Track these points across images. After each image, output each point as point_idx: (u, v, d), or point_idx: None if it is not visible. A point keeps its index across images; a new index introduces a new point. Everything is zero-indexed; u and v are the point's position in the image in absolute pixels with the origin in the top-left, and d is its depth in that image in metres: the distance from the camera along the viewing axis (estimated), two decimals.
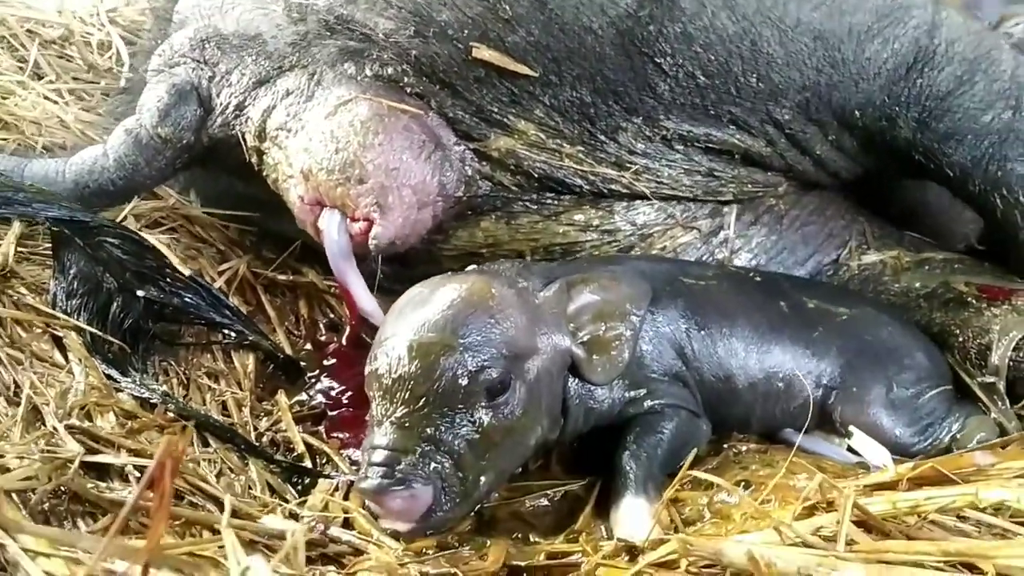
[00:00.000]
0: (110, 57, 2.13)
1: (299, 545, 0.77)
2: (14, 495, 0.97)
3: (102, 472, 1.07)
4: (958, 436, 1.37)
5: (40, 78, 1.95)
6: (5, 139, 1.68)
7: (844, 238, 1.69)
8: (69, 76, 2.00)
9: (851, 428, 1.31)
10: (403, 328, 1.15)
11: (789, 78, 1.53)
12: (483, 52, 1.46)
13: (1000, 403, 1.41)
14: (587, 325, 1.25)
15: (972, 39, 1.62)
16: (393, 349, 1.13)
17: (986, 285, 1.58)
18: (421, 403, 1.10)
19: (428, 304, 1.17)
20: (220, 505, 1.05)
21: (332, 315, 1.63)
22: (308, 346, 1.56)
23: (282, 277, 1.65)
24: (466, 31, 1.47)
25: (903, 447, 1.36)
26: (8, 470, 0.98)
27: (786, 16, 1.52)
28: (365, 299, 1.45)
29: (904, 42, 1.57)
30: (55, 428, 1.08)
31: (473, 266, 1.34)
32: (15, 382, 1.15)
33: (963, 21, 1.65)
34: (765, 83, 1.52)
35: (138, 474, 1.04)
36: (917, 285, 1.62)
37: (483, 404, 1.12)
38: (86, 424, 1.12)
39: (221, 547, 0.91)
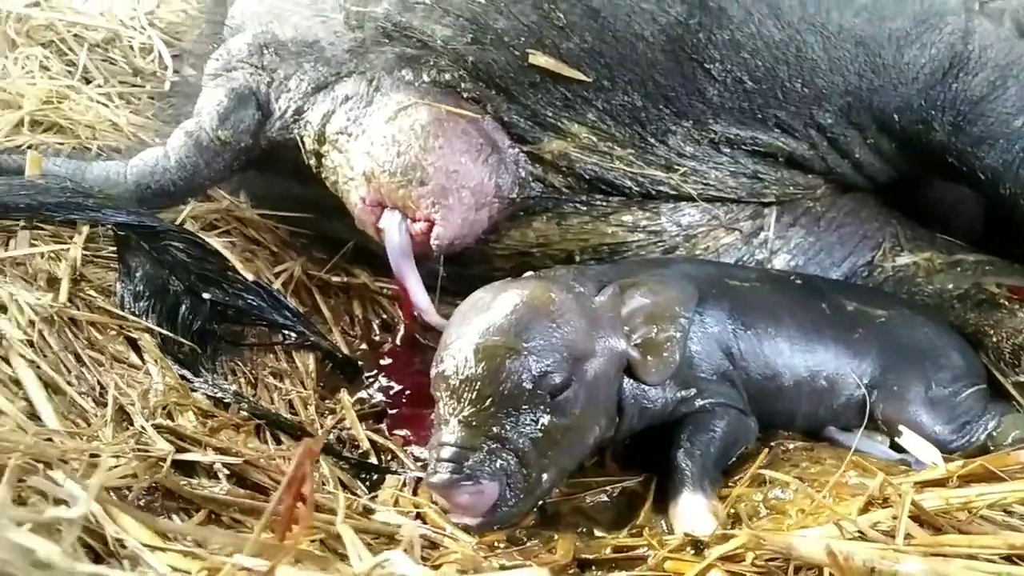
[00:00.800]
0: (152, 60, 2.17)
1: (415, 539, 0.81)
2: (112, 493, 1.02)
3: (189, 469, 1.12)
4: (994, 433, 1.42)
5: (88, 82, 1.99)
6: (62, 142, 1.71)
7: (878, 240, 1.74)
8: (116, 80, 2.04)
9: (901, 427, 1.36)
10: (469, 332, 1.20)
11: (832, 83, 1.57)
12: (539, 58, 1.51)
13: None
14: (640, 328, 1.30)
15: (1004, 45, 1.66)
16: (460, 352, 1.18)
17: (1017, 286, 1.63)
18: (487, 403, 1.15)
19: (492, 309, 1.21)
20: (304, 500, 1.10)
21: (385, 316, 1.68)
22: (364, 346, 1.61)
23: (336, 279, 1.69)
24: (522, 38, 1.51)
25: (941, 444, 1.40)
26: (107, 469, 1.03)
27: (829, 23, 1.56)
28: (421, 298, 1.49)
29: (940, 47, 1.61)
30: (143, 427, 1.13)
31: (530, 272, 1.38)
32: (99, 383, 1.20)
33: (994, 28, 1.69)
34: (809, 88, 1.56)
35: (227, 471, 1.09)
36: (950, 286, 1.67)
37: (546, 404, 1.17)
38: (170, 423, 1.17)
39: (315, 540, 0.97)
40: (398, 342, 1.57)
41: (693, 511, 1.20)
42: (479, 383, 1.16)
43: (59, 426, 1.08)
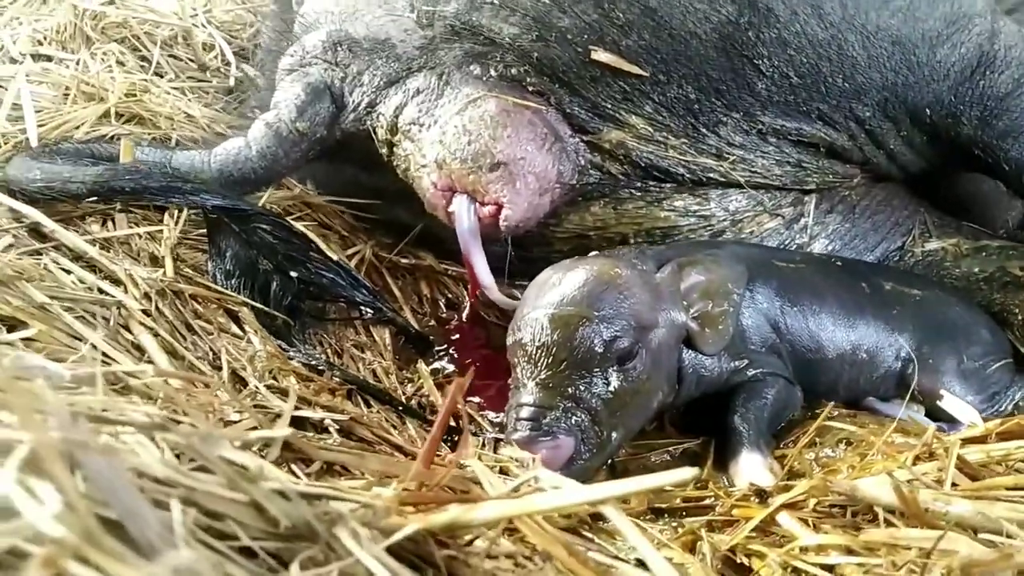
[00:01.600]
0: (215, 57, 2.28)
1: (540, 471, 0.93)
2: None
3: (299, 425, 1.23)
4: (1020, 404, 1.53)
5: (161, 76, 2.10)
6: (144, 132, 1.82)
7: (908, 227, 1.85)
8: (185, 75, 2.15)
9: (942, 391, 1.47)
10: (544, 303, 1.31)
11: (871, 79, 1.68)
12: (601, 55, 1.62)
13: None
14: (696, 302, 1.41)
15: None
16: (536, 321, 1.29)
17: None
18: (562, 366, 1.27)
19: (564, 283, 1.33)
20: (404, 453, 1.22)
21: (450, 295, 1.79)
22: (432, 323, 1.72)
23: (404, 260, 1.81)
24: (584, 35, 1.62)
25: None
26: (233, 423, 1.14)
27: (868, 23, 1.67)
28: (486, 276, 1.60)
29: (969, 47, 1.72)
30: (257, 387, 1.24)
31: (595, 252, 1.49)
32: (211, 349, 1.31)
33: (1018, 29, 1.81)
34: (850, 83, 1.68)
35: (337, 427, 1.21)
36: (976, 270, 1.78)
37: (615, 368, 1.29)
38: (278, 383, 1.28)
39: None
40: (464, 318, 1.68)
41: (753, 467, 1.31)
42: (554, 348, 1.27)
43: (184, 387, 1.19)
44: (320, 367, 1.40)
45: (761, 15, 1.63)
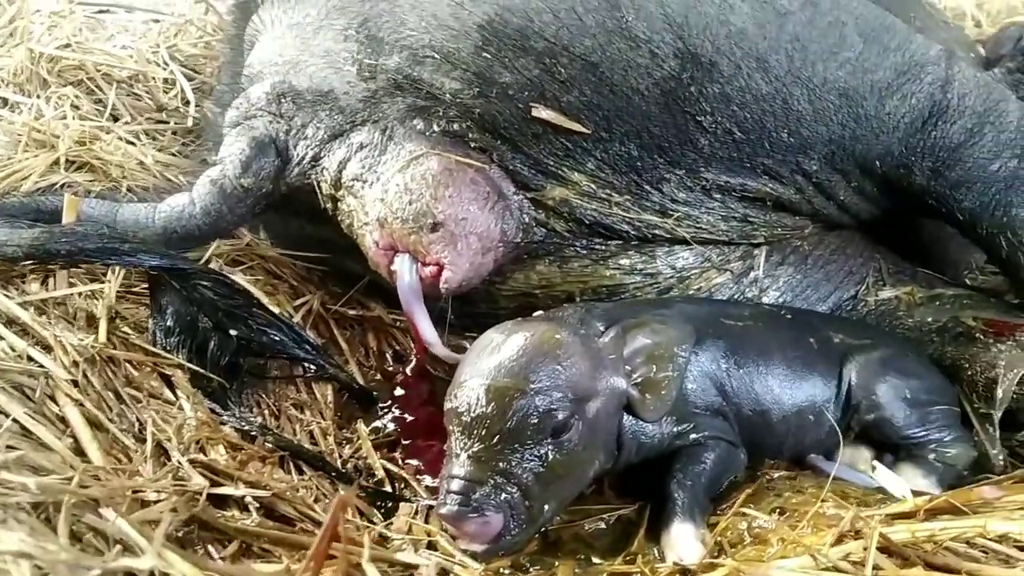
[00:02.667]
0: (175, 96, 2.27)
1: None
2: (153, 526, 1.13)
3: (222, 502, 1.22)
4: (943, 451, 1.52)
5: (117, 119, 2.10)
6: (93, 181, 1.82)
7: (862, 275, 1.84)
8: (143, 117, 2.15)
9: (874, 463, 1.46)
10: (481, 371, 1.30)
11: (817, 132, 1.67)
12: (541, 111, 1.61)
13: (992, 431, 1.54)
14: (640, 367, 1.39)
15: (982, 92, 1.75)
16: (472, 390, 1.28)
17: (993, 320, 1.72)
18: (495, 440, 1.25)
19: (503, 350, 1.31)
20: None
21: (397, 347, 1.78)
22: (378, 376, 1.71)
23: (352, 312, 1.80)
24: (525, 92, 1.61)
25: (907, 438, 1.52)
26: (148, 503, 1.14)
27: (814, 76, 1.65)
28: (430, 333, 1.59)
29: (920, 97, 1.70)
30: (179, 462, 1.23)
31: (540, 312, 1.48)
32: (139, 420, 1.31)
33: (974, 75, 1.79)
34: (795, 137, 1.66)
35: (256, 504, 1.20)
36: (929, 319, 1.77)
37: (549, 441, 1.27)
38: (203, 457, 1.27)
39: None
40: (410, 373, 1.67)
41: (683, 539, 1.30)
42: (488, 421, 1.26)
43: (103, 463, 1.19)
44: (253, 432, 1.39)
45: (704, 70, 1.62)
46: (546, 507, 1.28)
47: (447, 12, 1.66)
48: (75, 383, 1.30)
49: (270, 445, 1.37)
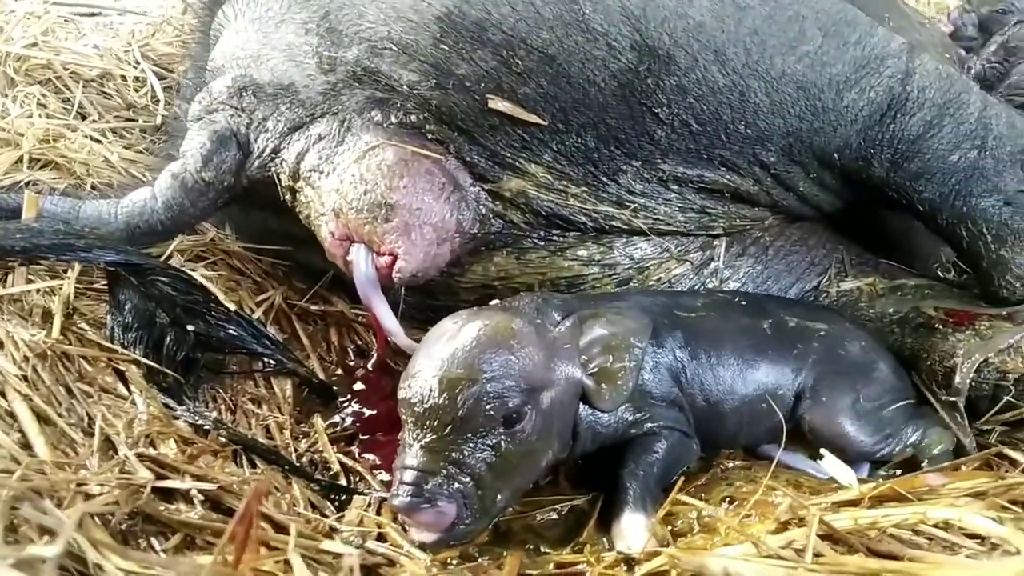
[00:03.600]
0: (145, 94, 2.28)
1: (355, 566, 0.93)
2: (97, 518, 1.14)
3: (168, 495, 1.23)
4: (920, 445, 1.52)
5: (84, 118, 2.10)
6: (57, 178, 1.83)
7: (824, 266, 1.84)
8: (111, 115, 2.15)
9: (822, 451, 1.46)
10: (433, 361, 1.30)
11: (774, 125, 1.67)
12: (498, 103, 1.61)
13: (960, 419, 1.55)
14: (596, 357, 1.39)
15: (943, 84, 1.75)
16: (425, 381, 1.28)
17: (953, 309, 1.72)
18: (447, 430, 1.26)
19: (456, 339, 1.31)
20: (273, 523, 1.22)
21: (359, 342, 1.79)
22: (339, 371, 1.72)
23: (314, 307, 1.80)
24: (482, 83, 1.61)
25: (866, 453, 1.53)
26: (92, 496, 1.15)
27: (772, 68, 1.66)
28: (390, 322, 1.59)
29: (879, 91, 1.70)
30: (126, 456, 1.24)
31: (496, 301, 1.49)
32: (88, 414, 1.31)
33: (935, 67, 1.78)
34: (752, 129, 1.67)
35: (202, 497, 1.21)
36: (891, 310, 1.77)
37: (502, 431, 1.28)
38: (152, 451, 1.28)
39: (277, 562, 1.08)
40: (371, 368, 1.67)
41: (632, 529, 1.31)
42: (440, 411, 1.26)
43: (50, 457, 1.19)
44: (206, 426, 1.39)
45: (661, 62, 1.62)
46: (499, 497, 1.29)
47: (406, 4, 1.66)
48: (25, 378, 1.31)
49: (223, 439, 1.38)
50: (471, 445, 1.26)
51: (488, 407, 1.26)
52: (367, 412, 1.58)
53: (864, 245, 1.95)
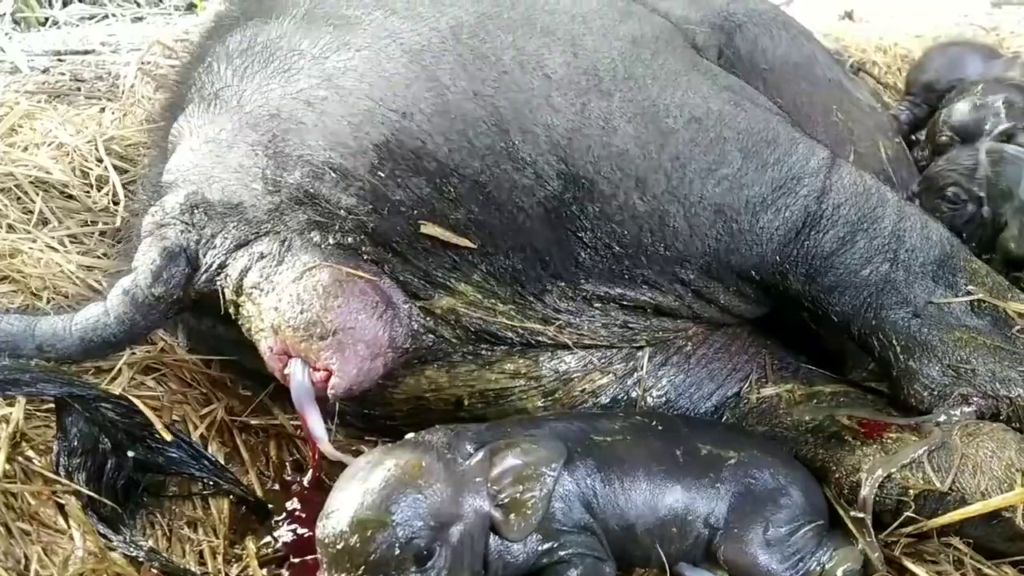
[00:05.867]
0: (106, 194, 2.37)
1: None
2: None
3: None
4: (826, 566, 1.59)
5: (46, 223, 2.19)
6: (14, 291, 1.91)
7: (747, 371, 1.93)
8: (71, 220, 2.23)
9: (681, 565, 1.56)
10: (346, 504, 1.38)
11: (692, 246, 1.76)
12: (430, 228, 1.69)
13: (867, 536, 1.62)
14: (507, 488, 1.46)
15: (858, 200, 1.84)
16: (338, 523, 1.36)
17: (865, 419, 1.80)
18: (360, 570, 1.34)
19: (366, 481, 1.40)
20: None
21: (297, 455, 1.86)
22: (276, 486, 1.79)
23: (255, 421, 1.88)
24: (416, 209, 1.69)
25: None
26: None
27: (691, 193, 1.75)
28: (319, 431, 1.64)
29: (795, 210, 1.79)
30: None
31: (411, 435, 1.56)
32: (25, 555, 1.39)
33: (853, 181, 1.87)
34: (672, 251, 1.76)
35: None
36: (807, 419, 1.84)
37: (413, 569, 1.36)
38: None
39: None
40: (306, 484, 1.74)
41: None
42: (352, 553, 1.34)
43: None
44: (140, 558, 1.47)
45: (584, 190, 1.72)
46: None
47: (346, 132, 1.75)
48: None
49: (155, 571, 1.45)
50: None
51: (397, 549, 1.33)
52: (299, 532, 1.64)
53: (790, 343, 2.03)
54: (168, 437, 1.62)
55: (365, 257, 1.74)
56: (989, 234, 2.32)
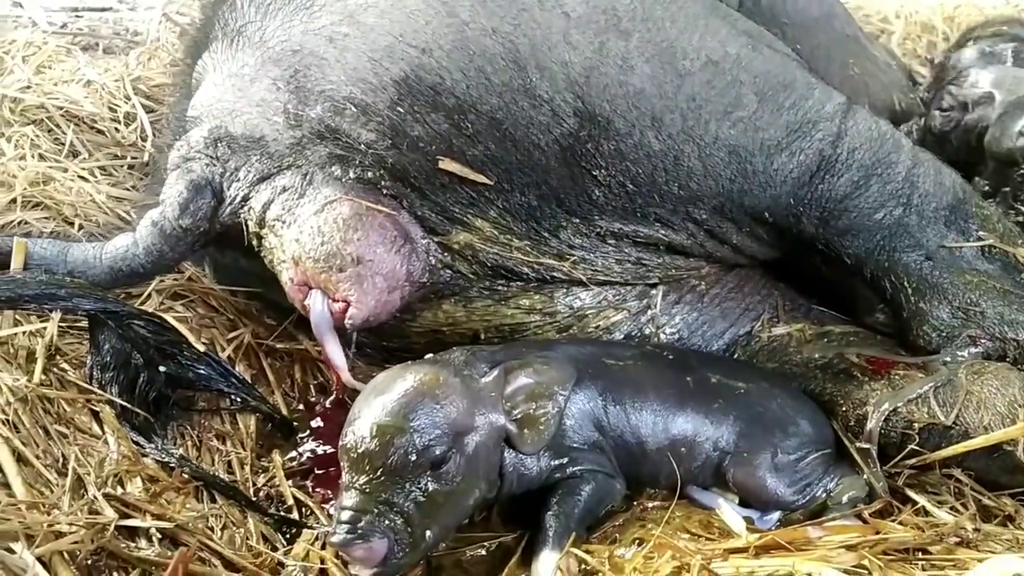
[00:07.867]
0: (135, 130, 2.43)
1: None
2: (66, 554, 1.29)
3: (131, 532, 1.38)
4: (832, 493, 1.65)
5: (76, 155, 2.25)
6: (47, 218, 1.98)
7: (759, 312, 1.97)
8: (101, 153, 2.30)
9: (719, 500, 1.60)
10: (367, 412, 1.45)
11: (706, 186, 1.79)
12: (448, 164, 1.74)
13: (872, 466, 1.68)
14: (521, 404, 1.53)
15: (873, 144, 1.86)
16: (359, 429, 1.44)
17: (873, 357, 1.84)
18: (379, 473, 1.41)
19: (387, 392, 1.46)
20: (222, 558, 1.37)
21: (321, 378, 1.93)
22: (301, 407, 1.87)
23: (280, 345, 1.95)
24: (434, 144, 1.74)
25: (785, 503, 1.65)
26: (62, 535, 1.30)
27: (706, 134, 1.77)
28: (340, 362, 1.73)
29: (809, 153, 1.82)
30: (95, 496, 1.39)
31: (430, 355, 1.63)
32: (63, 455, 1.47)
33: (868, 127, 1.88)
34: (685, 191, 1.79)
35: (159, 535, 1.36)
36: (816, 356, 1.89)
37: (428, 473, 1.43)
38: (119, 491, 1.43)
39: None
40: (328, 405, 1.82)
41: (548, 568, 1.45)
42: (372, 457, 1.41)
43: (26, 496, 1.35)
44: (171, 463, 1.55)
45: (600, 127, 1.75)
46: (428, 533, 1.43)
47: (366, 67, 1.79)
48: (6, 422, 1.46)
49: (186, 476, 1.53)
50: (400, 487, 1.40)
51: (414, 453, 1.40)
52: (322, 448, 1.73)
53: (801, 288, 2.07)
54: (201, 348, 1.69)
55: (384, 192, 1.79)
56: (975, 140, 2.42)
